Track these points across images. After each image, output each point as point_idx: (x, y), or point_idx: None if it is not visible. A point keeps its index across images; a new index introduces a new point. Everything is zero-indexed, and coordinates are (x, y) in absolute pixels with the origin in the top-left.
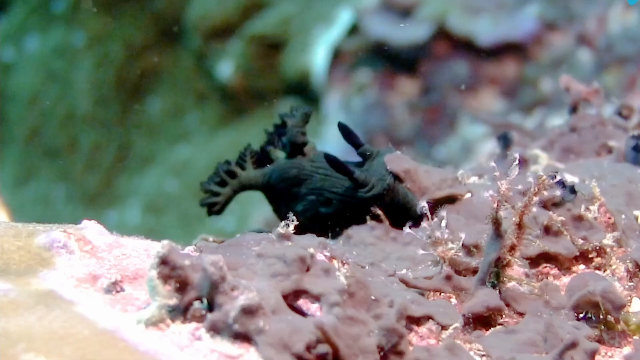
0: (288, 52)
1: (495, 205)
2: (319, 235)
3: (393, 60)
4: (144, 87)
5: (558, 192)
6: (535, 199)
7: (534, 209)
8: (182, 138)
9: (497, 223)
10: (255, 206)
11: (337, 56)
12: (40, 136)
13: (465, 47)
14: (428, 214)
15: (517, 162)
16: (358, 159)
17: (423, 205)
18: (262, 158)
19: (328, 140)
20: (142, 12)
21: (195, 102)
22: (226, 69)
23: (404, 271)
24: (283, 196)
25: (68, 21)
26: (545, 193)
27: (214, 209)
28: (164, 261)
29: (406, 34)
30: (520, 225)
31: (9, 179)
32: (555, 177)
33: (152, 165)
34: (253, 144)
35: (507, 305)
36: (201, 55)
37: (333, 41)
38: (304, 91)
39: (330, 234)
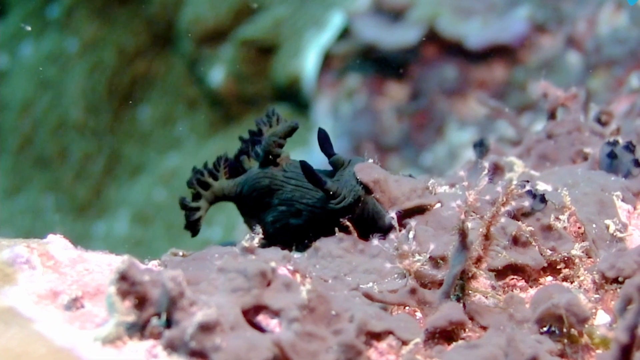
0: (279, 57)
1: (462, 216)
2: (288, 246)
3: (383, 65)
4: (136, 94)
5: (526, 203)
6: (504, 209)
7: (503, 219)
8: (172, 146)
9: (463, 234)
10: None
11: (327, 60)
12: (31, 145)
13: (455, 50)
14: (396, 225)
15: (486, 171)
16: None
17: (392, 216)
18: (235, 168)
19: (315, 147)
20: (135, 17)
21: (186, 109)
22: (217, 74)
23: (370, 284)
24: (255, 206)
25: (62, 27)
26: (513, 203)
27: (196, 228)
28: (123, 277)
29: (396, 37)
30: (487, 236)
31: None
32: (525, 186)
33: (142, 175)
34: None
35: (471, 318)
36: (193, 61)
37: (324, 45)
38: (294, 97)
39: (297, 246)
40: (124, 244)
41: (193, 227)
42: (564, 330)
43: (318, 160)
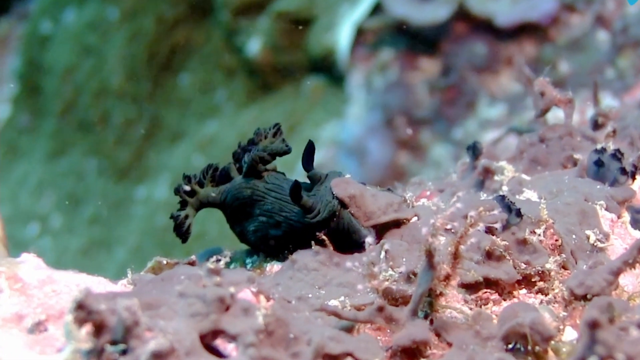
0: (314, 30)
1: (428, 237)
2: (270, 255)
3: (414, 40)
4: (175, 62)
5: (497, 225)
6: (472, 230)
7: (474, 237)
8: (210, 114)
9: (430, 255)
10: None
11: (360, 34)
12: (74, 110)
13: (485, 27)
14: (367, 247)
15: (456, 198)
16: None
17: (369, 241)
18: (222, 176)
19: (348, 120)
20: None
21: (224, 77)
22: (254, 45)
23: (342, 298)
24: (237, 215)
25: None
26: (481, 226)
27: (186, 236)
28: (80, 306)
29: (427, 13)
30: (455, 255)
31: (43, 151)
32: (504, 198)
33: (181, 141)
34: (278, 122)
35: (438, 335)
36: (230, 31)
37: (357, 20)
38: (328, 69)
39: (277, 256)
40: (165, 208)
41: (183, 235)
42: (529, 347)
43: (351, 133)
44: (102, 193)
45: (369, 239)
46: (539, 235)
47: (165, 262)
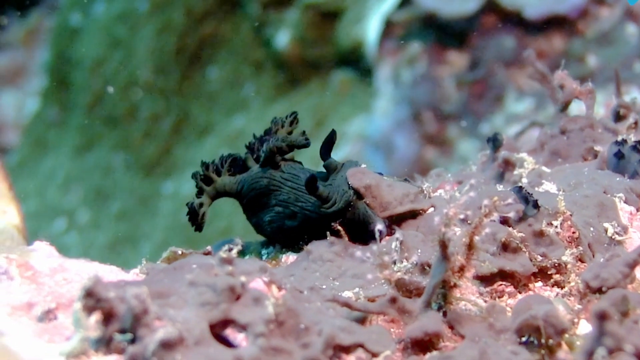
0: (342, 23)
1: (442, 228)
2: (285, 246)
3: (443, 33)
4: (203, 55)
5: (512, 214)
6: (486, 220)
7: (491, 227)
8: (238, 108)
9: (443, 246)
10: None
11: (388, 27)
12: (102, 103)
13: (513, 20)
14: (378, 237)
15: (469, 186)
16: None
17: (379, 229)
18: (239, 165)
19: (375, 114)
20: None
21: (253, 71)
22: (283, 37)
23: (356, 290)
24: (253, 205)
25: None
26: (495, 215)
27: (201, 224)
28: (89, 293)
29: (456, 6)
30: (470, 246)
31: (71, 145)
32: (521, 189)
33: (209, 135)
34: (305, 116)
35: (452, 327)
36: (259, 24)
37: (386, 12)
38: (356, 62)
39: (292, 247)
40: None
41: (197, 223)
42: (542, 341)
43: (378, 128)
44: (129, 188)
45: (380, 226)
46: (556, 227)
47: (180, 252)
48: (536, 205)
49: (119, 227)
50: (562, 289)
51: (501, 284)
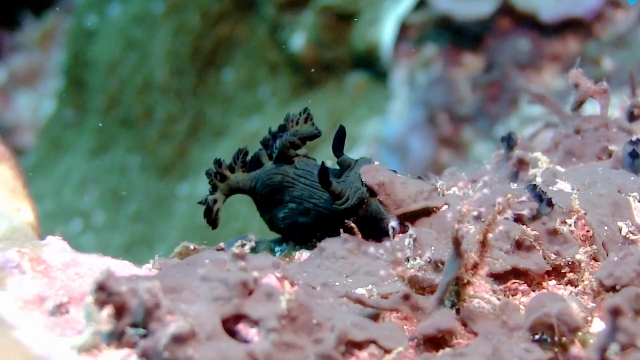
0: (358, 25)
1: (455, 225)
2: (298, 243)
3: (458, 35)
4: (219, 57)
5: (526, 212)
6: (500, 217)
7: (504, 225)
8: (254, 110)
9: (457, 243)
10: None
11: (403, 30)
12: (118, 105)
13: (529, 23)
14: (391, 234)
15: (482, 183)
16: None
17: (393, 225)
18: (253, 162)
19: (391, 117)
20: None
21: (268, 73)
22: (298, 40)
23: (369, 287)
24: (267, 202)
25: None
26: (510, 212)
27: (216, 221)
28: (100, 287)
29: (471, 8)
30: (484, 244)
31: (87, 147)
32: (535, 187)
33: (224, 137)
34: (320, 118)
35: (465, 324)
36: (275, 26)
37: (401, 14)
38: (372, 65)
39: (306, 244)
40: None
41: (211, 220)
42: (555, 338)
43: (393, 130)
44: (144, 189)
45: (393, 223)
46: (570, 225)
47: (192, 247)
48: (550, 204)
49: (135, 228)
50: (575, 287)
51: (515, 282)
